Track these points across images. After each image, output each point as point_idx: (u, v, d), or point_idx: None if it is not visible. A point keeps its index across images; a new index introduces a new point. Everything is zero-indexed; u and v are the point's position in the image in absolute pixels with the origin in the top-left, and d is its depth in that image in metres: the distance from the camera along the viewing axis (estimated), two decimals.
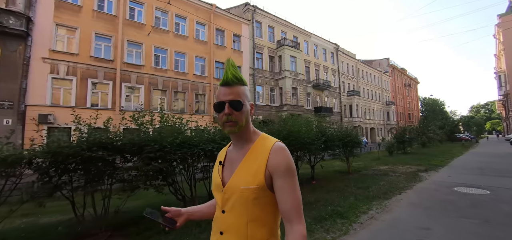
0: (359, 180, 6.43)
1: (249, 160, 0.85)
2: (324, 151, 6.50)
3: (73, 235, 3.16)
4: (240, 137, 0.90)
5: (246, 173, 0.83)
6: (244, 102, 0.86)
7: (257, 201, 0.80)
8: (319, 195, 4.92)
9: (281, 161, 0.80)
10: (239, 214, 0.81)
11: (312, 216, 3.62)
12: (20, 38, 11.96)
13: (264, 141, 0.88)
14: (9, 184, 2.71)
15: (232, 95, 0.84)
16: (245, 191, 0.80)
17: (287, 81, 22.74)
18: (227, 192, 0.84)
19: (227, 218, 0.83)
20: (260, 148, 0.86)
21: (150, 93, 15.63)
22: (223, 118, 0.84)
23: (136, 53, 15.45)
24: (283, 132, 4.94)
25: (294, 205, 0.77)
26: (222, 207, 0.85)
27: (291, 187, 0.79)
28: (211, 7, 18.94)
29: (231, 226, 0.82)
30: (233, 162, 0.90)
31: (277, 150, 0.82)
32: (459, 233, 3.11)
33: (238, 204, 0.81)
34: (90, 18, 13.92)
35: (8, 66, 11.72)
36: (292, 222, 0.76)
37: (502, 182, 6.05)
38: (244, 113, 0.86)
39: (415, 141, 16.00)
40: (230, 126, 0.84)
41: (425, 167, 8.77)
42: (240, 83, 0.87)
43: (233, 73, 0.86)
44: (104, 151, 2.86)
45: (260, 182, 0.80)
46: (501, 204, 4.22)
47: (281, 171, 0.79)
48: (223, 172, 0.91)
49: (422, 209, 4.14)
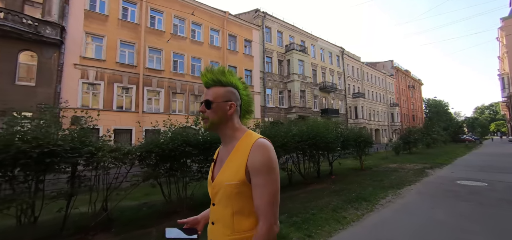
0: (373, 175, 7.34)
1: (233, 157, 0.90)
2: (342, 150, 7.42)
3: (159, 213, 4.12)
4: (224, 135, 0.96)
5: (229, 170, 0.88)
6: (216, 101, 0.92)
7: (240, 195, 0.85)
8: (341, 186, 5.84)
9: (258, 158, 0.84)
10: (225, 206, 0.87)
11: (342, 199, 4.55)
12: (55, 46, 13.05)
13: (247, 138, 0.91)
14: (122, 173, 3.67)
15: (206, 96, 0.94)
16: (228, 187, 0.86)
17: (295, 84, 23.65)
18: (215, 187, 0.91)
19: (217, 210, 0.91)
20: (243, 145, 0.90)
21: (169, 96, 16.65)
22: (200, 115, 0.97)
23: (156, 58, 16.50)
24: (311, 133, 5.86)
25: (264, 202, 0.81)
26: (213, 200, 0.94)
27: (262, 184, 0.82)
28: (224, 14, 19.97)
29: (219, 217, 0.90)
30: (222, 159, 0.96)
31: (257, 147, 0.85)
32: (458, 210, 4.01)
33: (224, 197, 0.88)
34: (115, 27, 14.99)
35: (44, 72, 12.81)
36: (260, 219, 0.82)
37: (499, 177, 6.92)
38: (216, 111, 0.92)
39: (420, 142, 16.81)
40: (204, 122, 0.96)
41: (430, 165, 9.64)
42: (217, 85, 0.95)
43: (209, 77, 0.95)
44: (189, 147, 3.81)
45: (241, 178, 0.85)
46: (495, 193, 5.11)
47: (257, 168, 0.83)
48: (214, 168, 0.98)
49: (429, 196, 5.04)
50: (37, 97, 12.56)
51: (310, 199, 4.64)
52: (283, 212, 3.76)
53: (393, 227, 3.37)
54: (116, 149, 3.39)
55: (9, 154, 2.48)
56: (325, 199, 4.68)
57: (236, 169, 0.86)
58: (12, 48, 12.08)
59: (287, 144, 5.08)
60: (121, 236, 3.12)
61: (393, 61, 48.16)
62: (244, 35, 21.39)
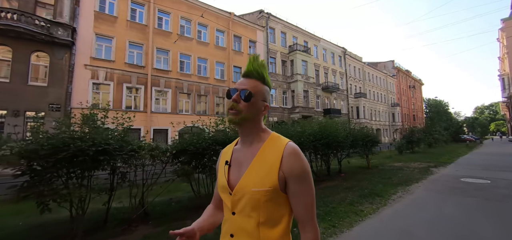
0: (380, 173, 7.65)
1: (259, 161, 0.82)
2: (351, 148, 7.73)
3: (187, 207, 4.42)
4: (248, 134, 0.87)
5: (257, 175, 0.80)
6: (256, 96, 0.84)
7: (269, 203, 0.78)
8: (352, 183, 6.15)
9: (296, 164, 0.78)
10: (250, 216, 0.79)
11: (356, 195, 4.87)
12: (66, 47, 13.33)
13: (276, 141, 0.85)
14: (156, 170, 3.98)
15: (246, 85, 0.84)
16: (256, 193, 0.78)
17: (299, 84, 23.95)
18: (237, 193, 0.81)
19: (238, 220, 0.81)
20: (271, 148, 0.83)
21: (176, 96, 16.93)
22: (229, 104, 0.84)
23: (163, 59, 16.78)
24: (324, 133, 6.17)
25: (308, 209, 0.78)
26: (232, 209, 0.82)
27: (306, 192, 0.78)
28: (229, 15, 20.25)
29: (242, 228, 0.80)
30: (241, 162, 0.86)
31: (292, 153, 0.80)
32: (465, 205, 4.32)
33: (249, 206, 0.79)
34: (124, 28, 15.27)
35: (56, 73, 13.09)
36: (305, 228, 0.78)
37: (501, 175, 7.24)
38: (252, 106, 0.83)
39: (422, 142, 17.15)
40: (232, 113, 0.83)
41: (434, 163, 9.96)
42: (260, 80, 0.86)
43: (255, 66, 0.86)
44: (218, 145, 4.11)
45: (273, 184, 0.77)
46: (499, 189, 5.42)
47: (297, 176, 0.78)
48: (229, 172, 0.87)
49: (437, 192, 5.35)
50: (48, 97, 12.88)
51: (327, 195, 4.95)
52: None
53: (407, 219, 3.68)
54: (156, 148, 3.69)
55: (69, 152, 2.78)
56: (340, 194, 4.99)
57: (266, 174, 0.78)
58: (25, 49, 12.37)
59: (303, 143, 5.39)
60: (162, 227, 3.42)
61: (394, 61, 48.46)
62: (249, 36, 21.68)
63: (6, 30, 11.60)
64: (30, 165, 2.72)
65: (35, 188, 2.77)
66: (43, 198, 2.80)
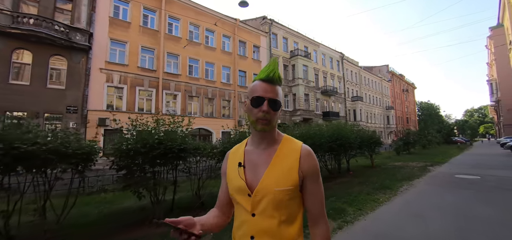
0: (385, 171, 8.57)
1: (279, 161, 0.84)
2: (359, 149, 8.63)
3: None
4: (266, 137, 0.88)
5: (278, 175, 0.82)
6: (281, 104, 0.87)
7: (290, 202, 0.81)
8: (363, 179, 7.03)
9: (313, 164, 0.84)
10: (270, 216, 0.80)
11: (370, 188, 5.74)
12: (83, 51, 13.89)
13: (291, 143, 0.89)
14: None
15: (273, 93, 0.83)
16: (279, 193, 0.79)
17: (300, 88, 24.91)
18: (258, 194, 0.82)
19: (258, 221, 0.81)
20: (288, 150, 0.86)
21: (186, 99, 17.61)
22: (259, 115, 0.82)
23: (173, 63, 17.46)
24: (338, 135, 7.02)
25: (322, 206, 0.85)
26: (252, 210, 0.82)
27: (319, 190, 0.85)
28: (235, 21, 21.07)
29: (263, 229, 0.81)
30: (256, 163, 0.87)
31: (308, 154, 0.85)
32: (461, 194, 5.22)
33: (271, 206, 0.80)
34: (137, 33, 15.91)
35: (73, 76, 13.64)
36: (319, 222, 0.85)
37: (489, 172, 8.25)
38: (278, 114, 0.87)
39: (417, 143, 18.29)
40: (263, 124, 0.83)
41: (430, 163, 10.97)
42: (280, 85, 0.88)
43: (278, 73, 0.85)
44: None
45: (295, 183, 0.81)
46: (488, 183, 6.38)
47: (313, 175, 0.84)
48: (246, 174, 0.87)
49: (436, 186, 6.26)
50: (66, 100, 13.41)
51: (345, 188, 5.80)
52: (332, 195, 4.92)
53: (417, 205, 4.55)
54: (215, 147, 4.45)
55: (160, 150, 3.54)
56: (356, 187, 5.84)
57: (286, 174, 0.81)
58: (44, 53, 12.90)
59: (322, 145, 6.23)
60: None
61: (388, 66, 50.10)
62: (253, 41, 22.53)
63: (28, 35, 12.13)
64: (132, 161, 3.47)
65: (133, 179, 3.52)
66: (138, 187, 3.55)
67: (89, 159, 3.23)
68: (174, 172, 4.38)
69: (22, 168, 2.78)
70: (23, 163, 2.70)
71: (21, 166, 2.75)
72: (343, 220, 3.64)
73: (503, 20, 18.00)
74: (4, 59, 11.98)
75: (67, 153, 2.89)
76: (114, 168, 3.65)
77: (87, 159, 3.18)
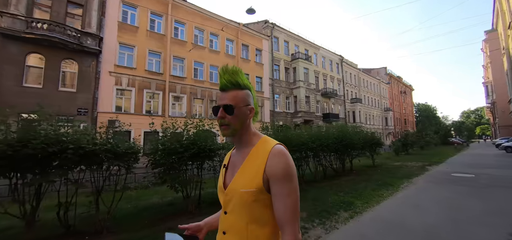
0: (385, 170, 9.11)
1: (249, 163, 0.87)
2: (361, 149, 9.17)
3: None
4: (240, 140, 0.92)
5: (245, 176, 0.85)
6: (238, 105, 0.87)
7: (256, 204, 0.82)
8: (366, 177, 7.55)
9: (278, 166, 0.81)
10: (239, 215, 0.84)
11: (374, 184, 6.26)
12: (93, 55, 14.34)
13: (264, 144, 0.89)
14: None
15: (225, 100, 0.88)
16: (244, 194, 0.82)
17: (301, 90, 25.47)
18: (228, 194, 0.87)
19: (229, 219, 0.87)
20: (259, 151, 0.87)
21: (191, 101, 18.09)
22: (218, 121, 0.88)
23: (179, 67, 17.94)
24: (344, 136, 7.55)
25: (287, 212, 0.78)
26: (224, 208, 0.89)
27: (285, 194, 0.80)
28: (238, 25, 21.62)
29: (232, 226, 0.85)
30: (235, 165, 0.92)
31: (275, 154, 0.83)
32: (456, 192, 5.75)
33: (238, 205, 0.84)
34: (144, 37, 16.38)
35: (84, 79, 14.07)
36: (284, 231, 0.79)
37: (483, 170, 8.83)
38: (237, 117, 0.87)
39: (416, 145, 18.91)
40: (223, 129, 0.89)
41: (428, 163, 11.54)
42: (236, 88, 0.89)
43: (227, 78, 0.89)
44: None
45: (258, 185, 0.81)
46: (481, 181, 6.93)
47: (277, 177, 0.80)
48: (226, 174, 0.94)
49: (434, 183, 6.80)
50: (77, 102, 13.84)
51: (352, 184, 6.33)
52: (341, 191, 5.45)
53: (417, 199, 5.07)
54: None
55: (194, 150, 4.04)
56: (361, 184, 6.37)
57: (253, 176, 0.83)
58: (56, 57, 13.32)
59: (330, 146, 6.76)
60: None
61: (386, 68, 50.92)
62: (255, 45, 23.08)
63: (41, 40, 12.56)
64: (170, 159, 3.96)
65: (169, 175, 4.01)
66: (174, 182, 4.05)
67: (136, 157, 3.71)
68: (199, 170, 4.87)
69: (84, 165, 3.26)
70: (86, 161, 3.18)
71: (84, 164, 3.23)
72: (353, 211, 4.15)
73: (496, 26, 18.71)
74: (18, 62, 12.39)
75: (120, 152, 3.38)
76: (151, 166, 4.14)
77: (134, 158, 3.67)
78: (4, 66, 11.99)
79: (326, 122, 28.43)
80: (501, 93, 33.77)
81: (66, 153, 2.88)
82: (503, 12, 13.83)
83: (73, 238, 3.29)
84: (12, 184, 2.85)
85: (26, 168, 2.81)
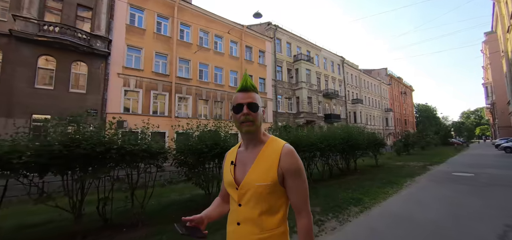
0: (389, 170, 9.47)
1: (262, 160, 0.99)
2: (366, 149, 9.52)
3: None
4: (253, 139, 1.03)
5: (260, 171, 0.96)
6: (260, 106, 1.03)
7: (270, 195, 0.95)
8: (370, 176, 7.91)
9: (292, 162, 0.96)
10: (253, 207, 0.95)
11: (379, 183, 6.62)
12: (102, 57, 14.69)
13: (274, 143, 1.02)
14: None
15: (250, 98, 1.00)
16: (260, 187, 0.94)
17: (303, 91, 25.82)
18: (243, 188, 0.97)
19: (243, 210, 0.97)
20: (271, 149, 1.00)
21: (196, 102, 18.44)
22: (241, 118, 0.98)
23: (185, 68, 18.29)
24: (350, 137, 7.90)
25: (303, 199, 0.96)
26: (239, 201, 0.99)
27: (300, 185, 0.96)
28: (242, 27, 21.97)
29: (246, 217, 0.96)
30: (245, 162, 1.03)
31: (288, 153, 0.97)
32: (456, 190, 6.11)
33: (253, 198, 0.95)
34: (151, 39, 16.72)
35: (93, 81, 14.42)
36: (301, 213, 0.96)
37: (482, 170, 9.20)
38: (259, 115, 1.02)
39: (417, 145, 19.29)
40: (248, 125, 0.99)
41: (429, 163, 11.90)
42: (255, 91, 1.04)
43: (250, 82, 1.03)
44: None
45: (273, 179, 0.94)
46: (480, 179, 7.29)
47: (292, 172, 0.95)
48: (235, 171, 1.04)
49: (435, 182, 7.16)
50: (86, 103, 14.16)
51: (358, 182, 6.69)
52: (349, 189, 5.80)
53: (419, 196, 5.42)
54: None
55: (218, 150, 4.38)
56: (367, 182, 6.73)
57: (267, 171, 0.95)
58: (67, 59, 13.66)
59: (336, 146, 7.12)
60: None
61: (386, 69, 51.30)
62: (259, 46, 23.43)
63: (53, 42, 12.90)
64: (197, 158, 4.31)
65: (193, 173, 4.36)
66: (199, 179, 4.39)
67: (165, 157, 4.07)
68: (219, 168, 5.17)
69: (125, 163, 3.61)
70: (127, 160, 3.53)
71: (125, 162, 3.58)
72: (362, 207, 4.50)
73: (496, 29, 19.09)
74: (30, 65, 12.72)
75: (155, 152, 3.73)
76: (175, 164, 4.48)
77: (165, 157, 4.02)
78: (17, 68, 12.32)
79: (327, 122, 28.80)
80: (500, 94, 34.14)
81: (110, 152, 3.23)
82: (503, 16, 14.19)
83: (110, 230, 3.63)
84: (63, 180, 3.20)
85: (77, 167, 3.16)
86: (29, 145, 2.86)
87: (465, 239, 3.11)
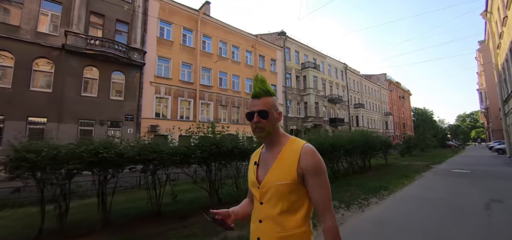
0: (398, 168, 11.20)
1: (281, 160, 1.01)
2: (379, 150, 11.25)
3: None
4: (271, 141, 1.07)
5: (280, 171, 0.99)
6: (270, 111, 1.02)
7: (291, 194, 0.97)
8: (385, 172, 9.62)
9: (311, 161, 0.97)
10: (274, 205, 0.97)
11: (394, 177, 8.33)
12: (138, 67, 16.30)
13: (294, 144, 1.04)
14: None
15: (259, 106, 1.02)
16: (280, 186, 0.96)
17: (311, 97, 27.60)
18: (264, 187, 1.01)
19: (265, 208, 1.00)
20: (290, 150, 1.02)
21: (217, 108, 20.09)
22: (253, 126, 1.04)
23: (207, 76, 19.95)
24: (367, 140, 9.59)
25: (324, 199, 0.96)
26: (260, 199, 1.02)
27: (321, 184, 0.96)
28: (256, 37, 23.74)
29: (268, 215, 0.98)
30: (267, 162, 1.06)
31: (307, 152, 0.98)
32: (456, 181, 7.81)
33: (274, 197, 0.98)
34: (178, 50, 18.38)
35: (130, 89, 16.01)
36: (323, 215, 0.96)
37: (477, 167, 11.00)
38: (271, 120, 1.02)
39: (418, 147, 21.15)
40: (258, 132, 1.03)
41: (431, 162, 13.68)
42: (267, 95, 1.04)
43: (260, 87, 1.04)
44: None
45: (293, 178, 0.96)
46: (475, 174, 9.05)
47: (312, 171, 0.96)
48: (258, 171, 1.09)
49: (439, 176, 8.89)
50: (124, 109, 15.77)
51: (379, 176, 8.39)
52: (373, 180, 7.50)
53: (428, 185, 7.13)
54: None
55: (235, 152, 5.91)
56: (385, 177, 8.41)
57: (287, 170, 0.97)
58: (108, 69, 15.26)
59: (359, 147, 8.82)
60: None
61: (386, 74, 53.40)
62: (270, 55, 25.20)
63: (97, 54, 14.50)
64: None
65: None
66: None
67: None
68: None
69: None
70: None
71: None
72: (389, 191, 6.19)
73: (488, 43, 20.93)
74: (77, 75, 14.29)
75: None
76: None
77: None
78: (66, 78, 13.88)
79: (332, 126, 30.59)
80: (494, 99, 36.17)
81: (234, 151, 4.89)
82: (493, 34, 16.05)
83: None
84: (206, 171, 4.86)
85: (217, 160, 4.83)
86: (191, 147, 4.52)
87: (463, 207, 4.79)
